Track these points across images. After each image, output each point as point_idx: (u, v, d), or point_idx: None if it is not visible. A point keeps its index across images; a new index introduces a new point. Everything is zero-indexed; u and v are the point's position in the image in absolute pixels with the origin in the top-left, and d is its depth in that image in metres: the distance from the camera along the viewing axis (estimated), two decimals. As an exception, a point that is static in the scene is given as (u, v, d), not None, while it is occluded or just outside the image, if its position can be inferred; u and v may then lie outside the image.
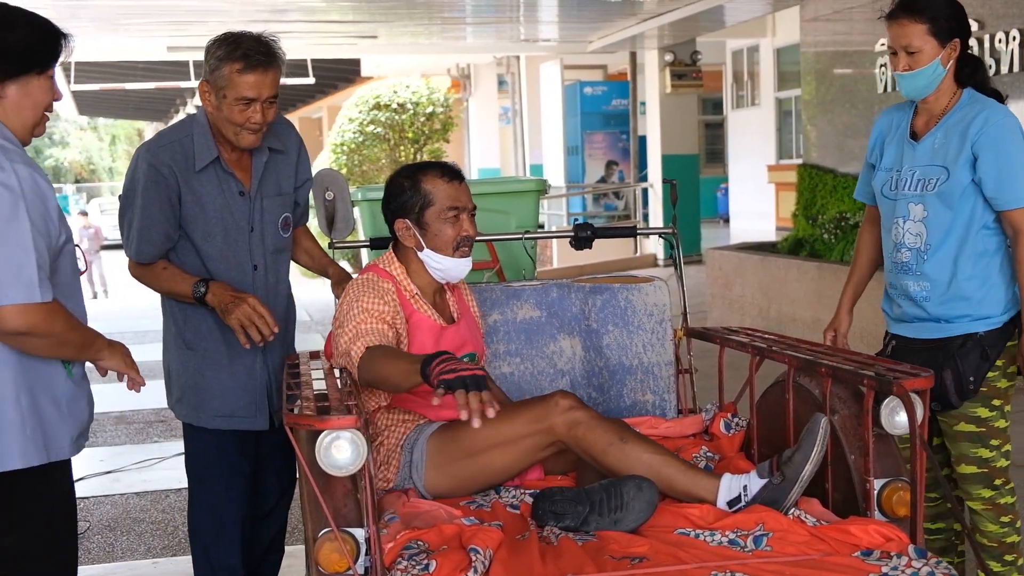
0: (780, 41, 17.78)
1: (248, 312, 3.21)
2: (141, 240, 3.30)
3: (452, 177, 3.24)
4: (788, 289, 9.07)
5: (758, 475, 2.81)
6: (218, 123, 3.26)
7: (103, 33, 14.27)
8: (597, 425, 2.97)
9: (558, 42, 16.97)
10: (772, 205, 17.76)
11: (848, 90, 10.53)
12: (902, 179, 3.33)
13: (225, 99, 3.19)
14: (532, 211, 4.86)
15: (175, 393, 3.48)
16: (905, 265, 3.33)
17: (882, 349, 3.49)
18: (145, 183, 3.24)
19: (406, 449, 3.09)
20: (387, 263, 3.28)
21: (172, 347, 3.47)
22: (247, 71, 3.16)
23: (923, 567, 2.35)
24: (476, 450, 3.04)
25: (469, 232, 3.22)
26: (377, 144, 17.19)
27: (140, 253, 3.32)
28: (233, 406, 3.41)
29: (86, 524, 5.23)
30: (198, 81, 3.30)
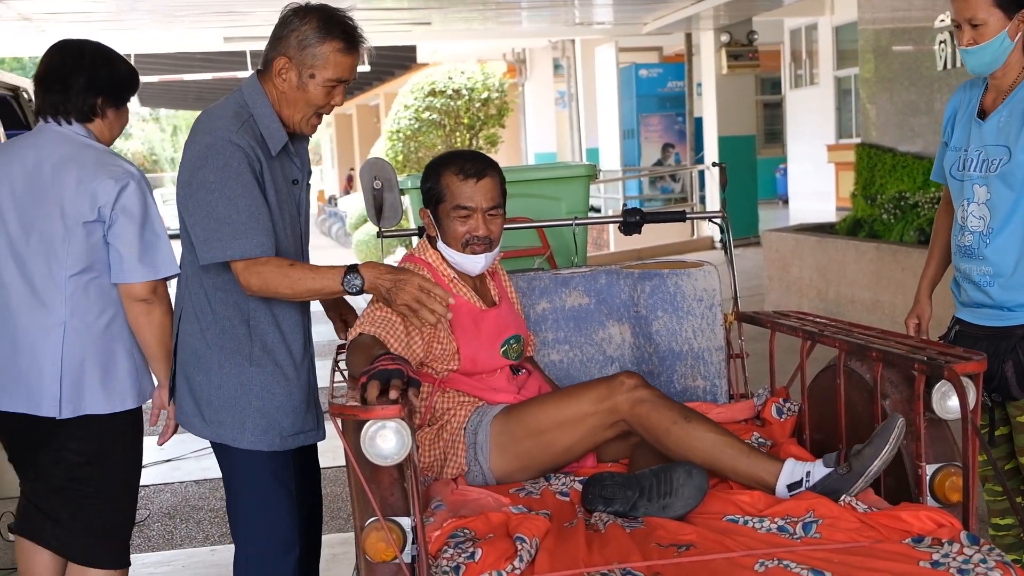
0: (838, 19, 17.57)
1: (416, 292, 2.82)
2: (258, 230, 2.83)
3: (468, 175, 3.18)
4: (846, 270, 8.97)
5: (823, 464, 2.78)
6: (288, 103, 2.93)
7: (160, 25, 14.46)
8: (662, 404, 2.97)
9: (613, 24, 16.91)
10: (832, 185, 17.57)
11: (907, 68, 10.37)
12: (969, 159, 3.20)
13: (313, 79, 2.89)
14: (582, 196, 4.83)
15: (231, 420, 2.99)
16: (968, 249, 3.22)
17: (945, 333, 3.38)
18: (238, 165, 2.82)
19: (469, 432, 3.11)
20: (422, 251, 3.29)
21: (227, 366, 2.98)
22: (348, 52, 2.91)
23: (975, 554, 2.31)
24: (541, 430, 3.05)
25: (479, 232, 3.18)
26: (433, 130, 17.23)
27: (262, 245, 2.83)
28: (304, 422, 3.08)
29: (146, 512, 5.32)
30: (272, 55, 2.92)
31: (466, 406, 3.17)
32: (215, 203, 2.81)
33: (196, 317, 3.00)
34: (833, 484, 2.71)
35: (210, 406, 3.00)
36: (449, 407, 3.17)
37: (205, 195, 2.81)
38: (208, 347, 2.99)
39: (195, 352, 3.01)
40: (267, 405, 2.98)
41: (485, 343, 3.21)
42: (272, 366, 2.98)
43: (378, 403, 2.40)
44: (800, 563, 2.30)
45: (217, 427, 3.00)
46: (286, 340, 3.01)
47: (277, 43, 2.90)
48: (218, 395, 2.98)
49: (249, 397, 2.97)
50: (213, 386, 2.98)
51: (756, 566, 2.31)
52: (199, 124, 2.94)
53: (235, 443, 2.99)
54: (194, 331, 3.01)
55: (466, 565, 2.37)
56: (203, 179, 2.82)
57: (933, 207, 8.77)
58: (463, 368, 3.19)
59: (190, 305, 3.02)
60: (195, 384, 3.01)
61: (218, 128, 2.86)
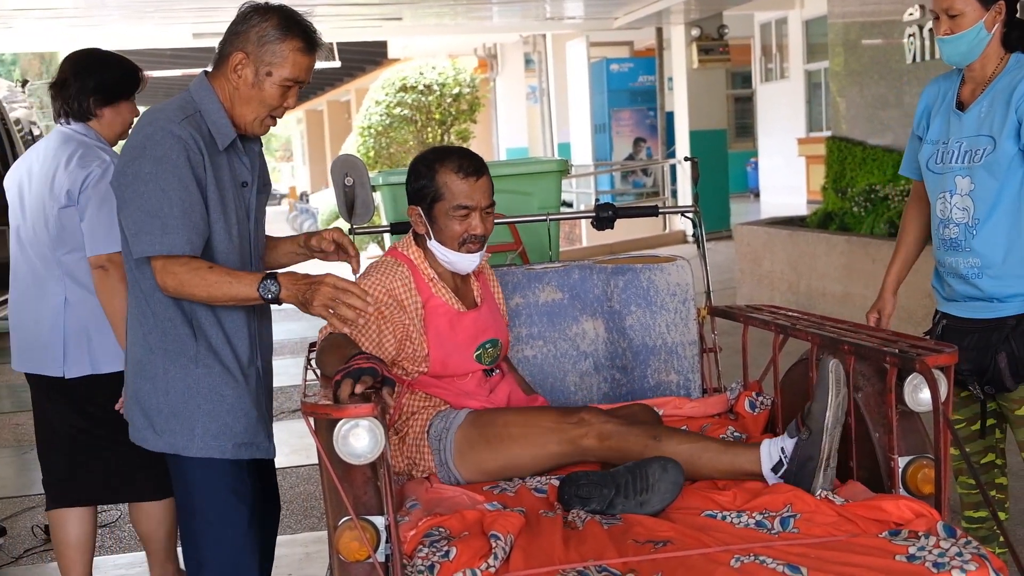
0: (808, 13, 17.64)
1: (330, 292, 2.65)
2: (188, 226, 2.69)
3: (468, 174, 3.15)
4: (817, 263, 9.00)
5: (789, 436, 2.80)
6: (242, 101, 2.82)
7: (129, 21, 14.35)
8: (628, 432, 2.96)
9: (584, 19, 16.91)
10: (803, 179, 17.65)
11: (877, 61, 10.42)
12: (949, 151, 3.18)
13: (270, 76, 2.79)
14: (554, 192, 4.83)
15: (181, 426, 2.83)
16: (954, 242, 3.18)
17: (931, 328, 3.35)
18: (176, 158, 2.69)
19: (433, 438, 3.08)
20: (405, 247, 3.27)
21: (172, 369, 2.83)
22: (307, 52, 2.82)
23: (951, 547, 2.31)
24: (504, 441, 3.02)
25: (478, 231, 3.16)
26: (404, 126, 17.20)
27: (190, 243, 2.70)
28: (255, 432, 2.91)
29: (117, 513, 5.27)
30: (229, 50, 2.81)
31: (429, 410, 3.14)
32: (148, 195, 2.68)
33: (138, 323, 2.86)
34: (804, 451, 2.73)
35: (159, 415, 2.84)
36: (414, 411, 3.15)
37: (139, 186, 2.69)
38: (151, 352, 2.84)
39: (138, 361, 2.87)
40: (216, 408, 2.83)
41: (459, 346, 3.18)
42: (219, 367, 2.84)
43: (351, 401, 2.38)
44: (776, 558, 2.30)
45: (168, 436, 2.83)
46: (230, 341, 2.87)
47: (234, 38, 2.81)
48: (165, 401, 2.82)
49: (197, 400, 2.82)
50: (159, 392, 2.83)
51: (732, 561, 2.31)
52: (141, 119, 2.87)
53: (186, 451, 2.82)
54: (136, 339, 2.87)
55: (440, 564, 2.35)
56: (138, 170, 2.70)
57: (903, 200, 8.82)
58: (432, 371, 3.17)
59: (131, 311, 2.90)
60: (142, 394, 2.86)
61: (160, 119, 2.74)
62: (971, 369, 3.17)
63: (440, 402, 3.16)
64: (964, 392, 3.27)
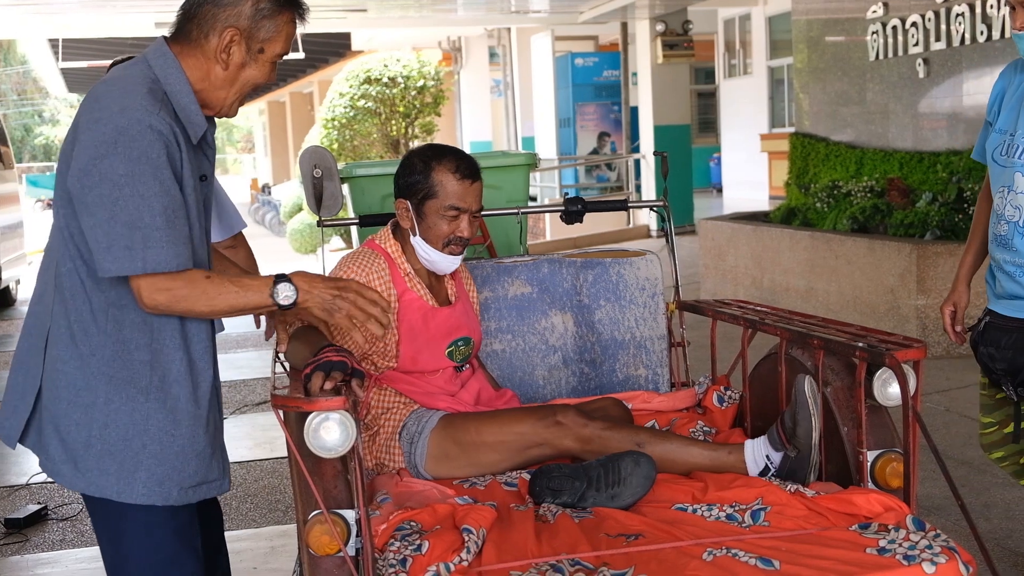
0: (772, 9, 17.73)
1: (361, 303, 2.41)
2: (176, 238, 2.29)
3: (464, 176, 3.13)
4: (781, 259, 9.05)
5: (772, 446, 2.84)
6: (224, 83, 2.44)
7: (89, 10, 14.21)
8: (610, 436, 2.97)
9: (549, 13, 16.91)
10: (765, 174, 17.75)
11: (840, 58, 10.49)
12: (1015, 145, 3.07)
13: (262, 54, 2.43)
14: (523, 185, 4.82)
15: (118, 468, 2.37)
16: (1003, 238, 3.11)
17: (975, 325, 3.28)
18: (156, 157, 2.27)
19: (405, 439, 3.07)
20: (383, 239, 3.25)
21: (116, 400, 2.36)
22: (298, 23, 2.50)
23: (921, 540, 2.33)
24: (480, 451, 3.02)
25: (464, 233, 3.15)
26: (368, 119, 17.10)
27: (179, 257, 2.29)
28: (207, 469, 2.48)
29: (78, 507, 5.22)
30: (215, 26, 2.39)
31: (401, 409, 3.13)
32: (124, 201, 2.23)
33: (72, 340, 2.36)
34: (792, 466, 2.80)
35: (90, 451, 2.36)
36: (384, 409, 3.14)
37: (110, 190, 2.23)
38: (92, 376, 2.36)
39: (70, 384, 2.37)
40: (165, 450, 2.39)
41: (431, 342, 3.17)
42: (173, 401, 2.39)
43: (322, 395, 2.36)
44: (748, 551, 2.31)
45: (98, 476, 2.36)
46: (194, 369, 2.44)
47: (221, 12, 2.39)
48: (102, 437, 2.35)
49: (144, 440, 2.37)
50: (96, 426, 2.35)
51: (704, 555, 2.32)
52: (102, 99, 2.32)
53: (120, 496, 2.37)
54: (69, 357, 2.37)
55: (413, 558, 2.34)
56: (108, 170, 2.23)
57: (866, 196, 8.89)
58: (402, 366, 3.16)
59: (64, 324, 2.38)
60: (68, 423, 2.37)
61: (133, 107, 2.27)
62: (1005, 369, 3.15)
63: (411, 401, 3.15)
64: (999, 394, 3.26)
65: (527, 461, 3.04)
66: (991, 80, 8.49)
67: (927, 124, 9.26)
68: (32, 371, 2.43)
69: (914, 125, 9.39)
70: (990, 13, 8.33)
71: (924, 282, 7.22)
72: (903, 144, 9.49)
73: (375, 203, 4.73)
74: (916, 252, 7.26)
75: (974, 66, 8.61)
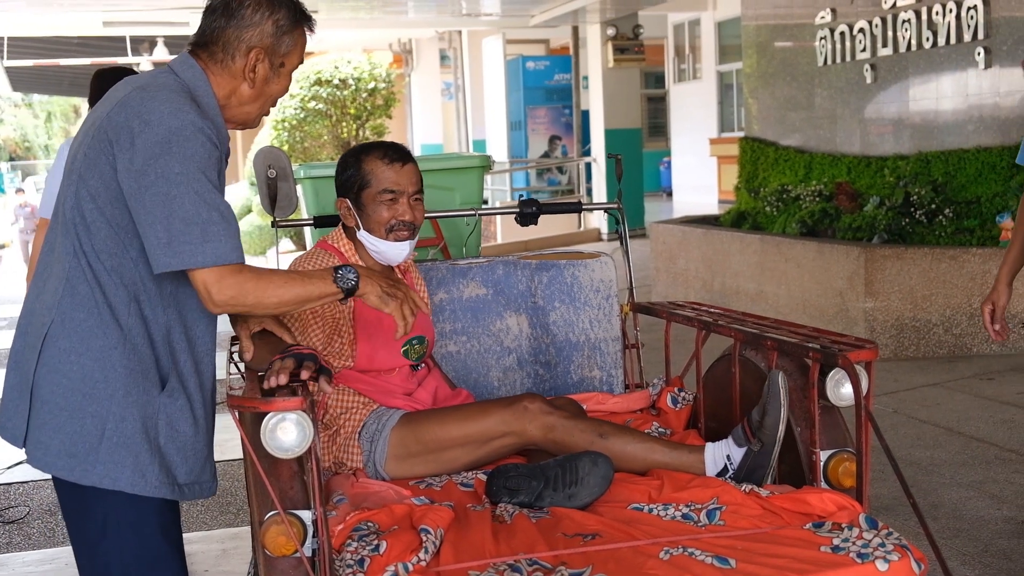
0: (721, 14, 17.86)
1: (410, 292, 2.56)
2: (231, 232, 2.35)
3: (393, 159, 3.17)
4: (731, 262, 9.13)
5: (736, 443, 2.85)
6: (250, 99, 2.53)
7: (36, 8, 14.02)
8: (574, 427, 2.98)
9: (500, 16, 16.93)
10: (715, 178, 17.88)
11: (789, 63, 10.59)
12: None
13: (283, 68, 2.54)
14: (477, 187, 4.83)
15: (133, 460, 2.39)
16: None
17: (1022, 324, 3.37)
18: (206, 158, 2.35)
19: (364, 439, 3.06)
20: (336, 239, 3.25)
21: (135, 393, 2.40)
22: (308, 34, 2.60)
23: (874, 538, 2.36)
24: (442, 447, 3.04)
25: (406, 216, 3.16)
26: (319, 120, 17.04)
27: (236, 250, 2.36)
28: (201, 469, 2.52)
29: (26, 509, 5.15)
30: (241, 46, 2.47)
31: (360, 409, 3.13)
32: (180, 199, 2.29)
33: (100, 332, 2.39)
34: (755, 461, 2.80)
35: (104, 442, 2.38)
36: (344, 409, 3.13)
37: (167, 188, 2.29)
38: (110, 369, 2.39)
39: (88, 376, 2.39)
40: (167, 445, 2.43)
41: (387, 341, 3.17)
42: (183, 398, 2.46)
43: (278, 395, 2.35)
44: (704, 550, 2.33)
45: (112, 469, 2.38)
46: (199, 366, 2.52)
47: (245, 32, 2.47)
48: (118, 429, 2.38)
49: (156, 433, 2.42)
50: (113, 418, 2.38)
51: (661, 554, 2.33)
52: (147, 103, 2.36)
53: (134, 488, 2.38)
54: (91, 348, 2.39)
55: (371, 558, 2.34)
56: (164, 169, 2.29)
57: (814, 200, 8.99)
58: (359, 365, 3.16)
59: (85, 316, 2.40)
60: (81, 415, 2.38)
61: (183, 110, 2.35)
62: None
63: (370, 400, 3.14)
64: None
65: (489, 455, 3.04)
66: (936, 86, 8.65)
67: (874, 129, 9.38)
68: (26, 369, 2.43)
69: (862, 130, 9.51)
70: (936, 20, 8.45)
71: (872, 285, 7.31)
72: (851, 149, 9.60)
73: (328, 204, 4.70)
74: (864, 255, 7.34)
75: (920, 72, 8.73)
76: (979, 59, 8.08)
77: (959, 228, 7.88)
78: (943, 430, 5.67)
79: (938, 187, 8.14)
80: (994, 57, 8.01)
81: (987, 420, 5.79)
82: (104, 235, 2.39)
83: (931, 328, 7.31)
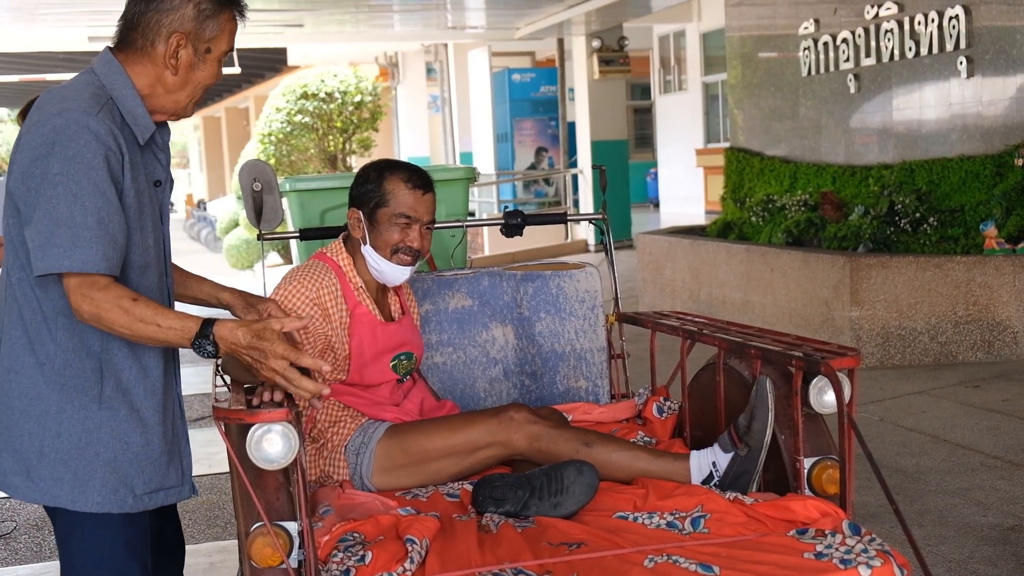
0: (706, 26, 17.93)
1: (280, 368, 2.34)
2: (105, 239, 2.26)
3: (416, 186, 3.17)
4: (718, 272, 9.15)
5: (722, 449, 2.86)
6: (175, 87, 2.45)
7: (21, 23, 14.01)
8: (559, 436, 3.00)
9: (486, 29, 16.96)
10: (701, 189, 17.93)
11: (773, 74, 10.64)
12: None
13: (209, 53, 2.45)
14: (462, 199, 4.84)
15: (71, 477, 2.36)
16: None
17: None
18: (92, 158, 2.26)
19: (351, 451, 3.07)
20: (335, 252, 3.25)
21: (69, 409, 2.36)
22: (238, 20, 2.52)
23: (857, 544, 2.38)
24: (428, 459, 3.05)
25: (414, 244, 3.16)
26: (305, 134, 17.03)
27: (107, 259, 2.26)
28: (163, 476, 2.47)
29: (12, 524, 5.14)
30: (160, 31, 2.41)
31: (348, 422, 3.13)
32: (57, 200, 2.24)
33: (30, 349, 2.36)
34: (741, 467, 2.81)
35: (43, 460, 2.35)
36: (332, 422, 3.13)
37: (47, 189, 2.25)
38: (46, 385, 2.35)
39: (23, 393, 2.36)
40: (119, 457, 2.38)
41: (378, 356, 3.18)
42: (127, 409, 2.39)
43: (264, 407, 2.36)
44: (689, 558, 2.34)
45: (51, 486, 2.36)
46: (147, 375, 2.44)
47: (164, 17, 2.40)
48: (55, 446, 2.34)
49: (97, 448, 2.36)
50: (49, 435, 2.34)
51: (645, 562, 2.35)
52: (45, 105, 2.35)
53: (75, 505, 2.36)
54: (25, 366, 2.36)
55: (356, 568, 2.35)
56: (46, 169, 2.25)
57: (800, 209, 9.02)
58: (350, 379, 3.17)
59: (20, 333, 2.37)
60: (20, 433, 2.36)
61: (72, 109, 2.29)
62: None
63: (358, 413, 3.15)
64: None
65: (475, 465, 3.05)
66: (919, 95, 8.70)
67: (859, 139, 9.43)
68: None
69: (846, 139, 9.56)
70: (918, 30, 8.51)
71: (857, 294, 7.34)
72: (835, 158, 9.65)
73: (315, 217, 4.72)
74: (849, 264, 7.37)
75: (903, 82, 8.78)
76: (961, 68, 8.14)
77: (943, 236, 7.92)
78: (929, 438, 5.69)
79: (922, 196, 8.19)
80: (976, 66, 8.06)
81: (973, 427, 5.81)
82: (25, 251, 2.33)
83: (917, 336, 7.34)
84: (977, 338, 7.28)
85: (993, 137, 8.02)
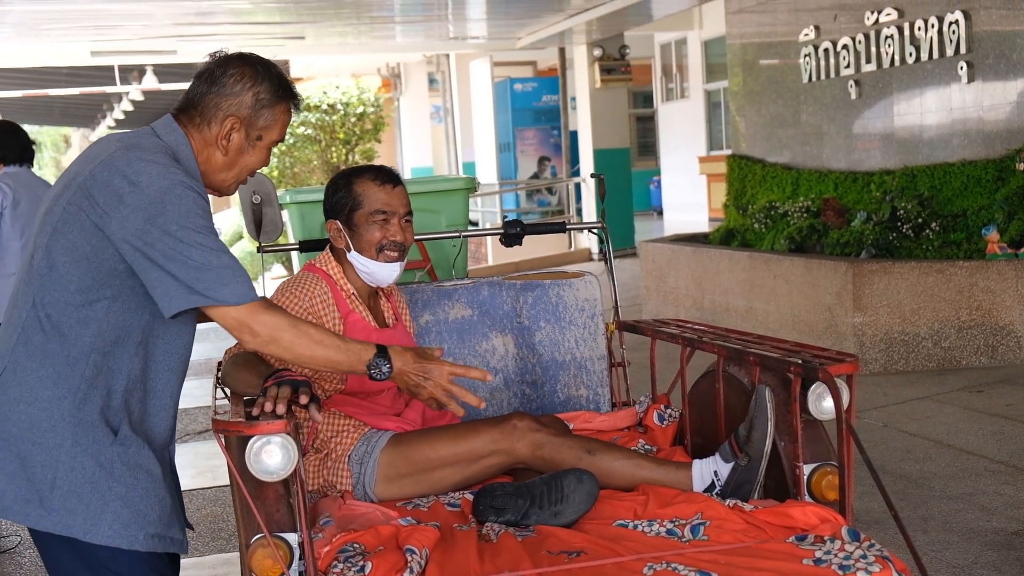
0: (707, 34, 17.94)
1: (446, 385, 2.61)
2: (241, 272, 2.40)
3: (384, 181, 3.23)
4: (721, 279, 9.15)
5: (723, 459, 2.87)
6: (224, 167, 2.54)
7: (24, 39, 14.06)
8: (562, 444, 3.00)
9: (487, 39, 16.99)
10: (704, 196, 17.92)
11: (774, 81, 10.65)
12: None
13: (260, 141, 2.55)
14: (462, 209, 4.84)
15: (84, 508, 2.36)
16: None
17: None
18: (200, 213, 2.37)
19: (354, 461, 3.08)
20: (324, 262, 3.28)
21: (84, 442, 2.36)
22: (294, 111, 2.65)
23: (856, 550, 2.38)
24: (431, 467, 3.05)
25: (397, 237, 3.20)
26: (308, 146, 17.09)
27: (252, 289, 2.41)
28: (168, 521, 2.46)
29: (18, 538, 5.15)
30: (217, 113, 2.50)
31: (351, 432, 3.14)
32: (188, 251, 2.32)
33: (52, 382, 2.37)
34: (742, 476, 2.82)
35: (55, 490, 2.35)
36: (335, 432, 3.14)
37: (171, 244, 2.32)
38: (58, 419, 2.36)
39: (35, 425, 2.37)
40: (130, 492, 2.39)
41: None
42: (137, 445, 2.42)
43: (263, 418, 2.37)
44: (688, 565, 2.34)
45: (64, 516, 2.35)
46: (155, 417, 2.50)
47: (223, 100, 2.50)
48: (68, 478, 2.35)
49: (109, 482, 2.37)
50: (63, 467, 2.35)
51: (645, 569, 2.35)
52: (134, 164, 2.37)
53: (86, 536, 2.36)
54: (40, 398, 2.37)
55: (356, 579, 2.35)
56: (164, 226, 2.31)
57: (802, 216, 9.03)
58: (349, 387, 3.18)
59: (36, 366, 2.38)
60: (33, 463, 2.36)
61: (170, 171, 2.37)
62: None
63: (361, 423, 3.16)
64: None
65: (478, 473, 3.05)
66: (920, 101, 8.70)
67: (860, 145, 9.43)
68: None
69: (848, 146, 9.56)
70: (918, 35, 8.52)
71: (860, 300, 7.34)
72: (837, 165, 9.65)
73: (315, 229, 4.73)
74: (852, 270, 7.38)
75: (904, 87, 8.79)
76: (962, 73, 8.15)
77: (946, 241, 7.92)
78: (933, 443, 5.69)
79: (924, 201, 8.19)
80: (977, 71, 8.07)
81: (976, 432, 5.81)
82: (74, 287, 2.36)
83: (920, 341, 7.34)
84: (980, 343, 7.28)
85: (994, 142, 8.03)
